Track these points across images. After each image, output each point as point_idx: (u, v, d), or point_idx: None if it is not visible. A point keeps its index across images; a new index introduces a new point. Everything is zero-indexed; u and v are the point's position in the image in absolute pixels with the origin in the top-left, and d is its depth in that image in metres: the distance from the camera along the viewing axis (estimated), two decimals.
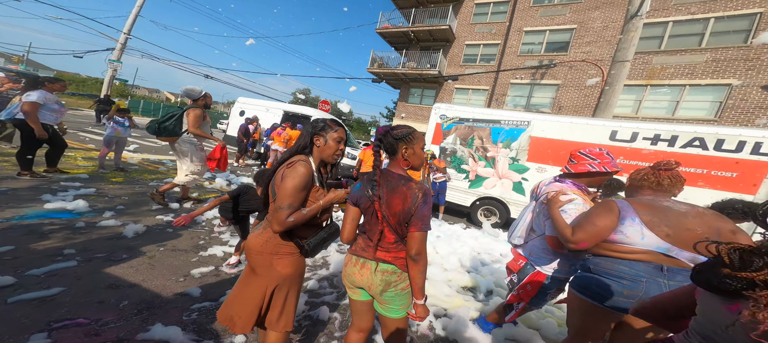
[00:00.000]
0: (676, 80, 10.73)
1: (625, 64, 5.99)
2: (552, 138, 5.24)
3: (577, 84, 12.67)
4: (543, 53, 13.84)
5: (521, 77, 14.20)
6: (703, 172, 4.31)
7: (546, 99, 13.58)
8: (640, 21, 5.93)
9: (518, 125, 5.54)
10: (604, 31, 12.25)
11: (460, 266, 3.40)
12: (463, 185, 5.99)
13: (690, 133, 4.40)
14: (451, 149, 6.12)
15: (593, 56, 12.36)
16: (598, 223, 1.33)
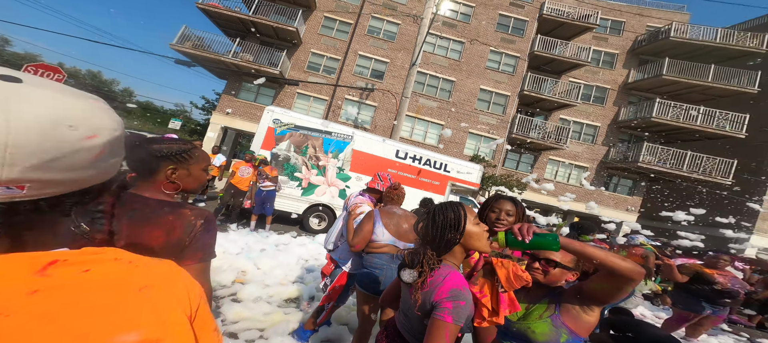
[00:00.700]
0: (428, 117, 16.91)
1: (407, 99, 8.27)
2: (366, 152, 6.28)
3: (386, 108, 16.67)
4: (369, 77, 16.55)
5: (353, 94, 16.61)
6: (428, 181, 6.61)
7: (368, 117, 16.76)
8: (415, 69, 8.33)
9: (345, 138, 6.24)
10: (402, 70, 16.90)
11: (285, 277, 3.35)
12: (296, 193, 6.06)
13: (425, 155, 6.67)
14: (285, 156, 6.02)
15: (394, 89, 16.86)
16: (364, 228, 1.78)
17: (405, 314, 1.03)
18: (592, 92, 15.75)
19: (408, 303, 0.99)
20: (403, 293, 1.03)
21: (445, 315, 0.86)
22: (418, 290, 0.92)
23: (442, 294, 0.89)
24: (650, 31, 15.82)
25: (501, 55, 16.38)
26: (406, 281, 0.98)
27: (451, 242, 0.97)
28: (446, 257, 0.99)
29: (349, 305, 2.70)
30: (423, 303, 0.92)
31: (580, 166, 14.77)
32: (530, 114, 16.29)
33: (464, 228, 0.97)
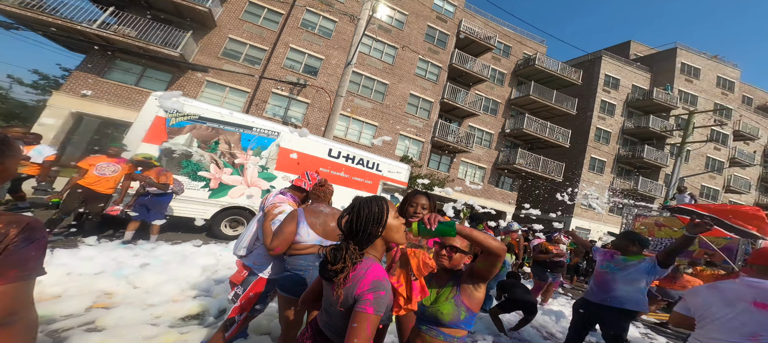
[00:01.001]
0: (362, 117, 17.25)
1: (341, 98, 8.26)
2: (296, 150, 5.86)
3: (320, 106, 15.70)
4: (301, 72, 15.06)
5: (282, 89, 14.64)
6: (361, 180, 6.57)
7: (299, 114, 15.34)
8: (350, 69, 8.37)
9: (270, 134, 5.67)
10: (337, 68, 16.05)
11: (181, 293, 2.89)
12: (201, 195, 5.15)
13: (358, 155, 6.61)
14: (183, 152, 4.97)
15: (329, 87, 15.95)
16: (285, 230, 1.64)
17: (327, 312, 1.03)
18: (489, 105, 19.72)
19: (330, 301, 0.99)
20: (326, 291, 1.03)
21: (367, 306, 0.89)
22: (341, 286, 0.93)
23: (364, 287, 0.91)
24: (525, 57, 20.68)
25: (427, 63, 17.90)
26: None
27: (374, 235, 1.01)
28: (368, 250, 1.02)
29: (270, 313, 2.51)
30: (345, 298, 0.93)
31: (482, 167, 18.89)
32: (448, 120, 19.03)
33: (386, 221, 1.03)
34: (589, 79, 21.09)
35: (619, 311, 2.43)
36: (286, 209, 1.84)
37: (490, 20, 20.24)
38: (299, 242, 1.67)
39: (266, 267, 1.85)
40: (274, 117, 14.31)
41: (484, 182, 18.53)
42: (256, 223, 1.96)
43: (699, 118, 18.78)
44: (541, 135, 18.49)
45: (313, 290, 1.21)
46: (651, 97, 20.41)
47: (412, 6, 17.73)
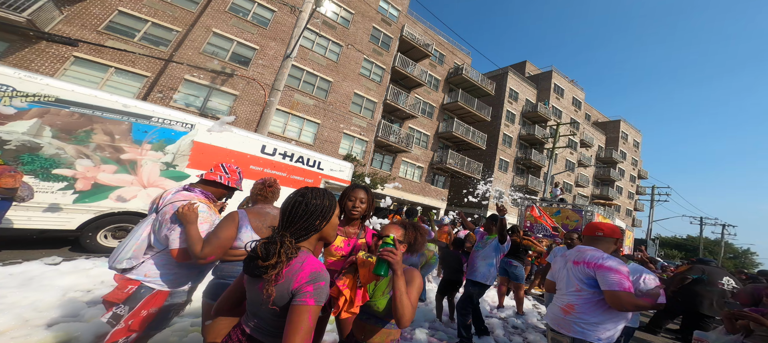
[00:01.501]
0: (304, 114, 15.87)
1: (278, 92, 7.48)
2: (218, 146, 5.13)
3: (251, 99, 13.49)
4: (227, 61, 12.56)
5: (200, 76, 11.75)
6: (301, 179, 6.20)
7: (224, 106, 12.82)
8: (290, 62, 7.65)
9: (179, 126, 4.77)
10: (274, 60, 13.99)
11: (24, 323, 2.29)
12: (60, 200, 4.02)
13: (298, 152, 6.16)
14: (26, 144, 3.79)
15: (263, 79, 13.83)
16: (221, 235, 1.44)
17: (255, 314, 0.95)
18: (427, 108, 21.18)
19: (258, 302, 0.92)
20: (251, 292, 0.95)
21: (307, 299, 0.86)
22: (272, 283, 0.86)
23: (302, 280, 0.88)
24: (455, 66, 22.91)
25: (372, 64, 17.66)
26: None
27: (315, 229, 0.98)
28: (303, 244, 0.98)
29: (188, 327, 2.32)
30: (279, 295, 0.88)
31: (420, 167, 20.40)
32: (390, 121, 19.53)
33: (331, 218, 1.02)
34: (499, 91, 25.14)
35: (473, 282, 3.14)
36: (204, 210, 1.56)
37: (428, 28, 21.31)
38: (239, 247, 1.50)
39: (168, 277, 1.51)
40: (186, 107, 11.69)
41: (422, 181, 20.18)
42: (146, 226, 1.56)
43: (562, 128, 25.25)
44: (465, 138, 21.21)
45: (230, 295, 1.08)
46: (536, 110, 26.02)
47: (358, 5, 17.02)
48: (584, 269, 1.71)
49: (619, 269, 1.63)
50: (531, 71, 30.86)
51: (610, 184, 31.87)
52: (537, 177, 25.50)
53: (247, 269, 0.93)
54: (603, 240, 1.83)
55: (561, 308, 1.79)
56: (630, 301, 1.57)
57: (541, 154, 25.80)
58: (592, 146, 31.26)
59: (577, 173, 29.07)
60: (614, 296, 1.58)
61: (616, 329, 1.68)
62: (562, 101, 28.91)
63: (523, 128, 26.02)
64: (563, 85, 29.35)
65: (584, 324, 1.67)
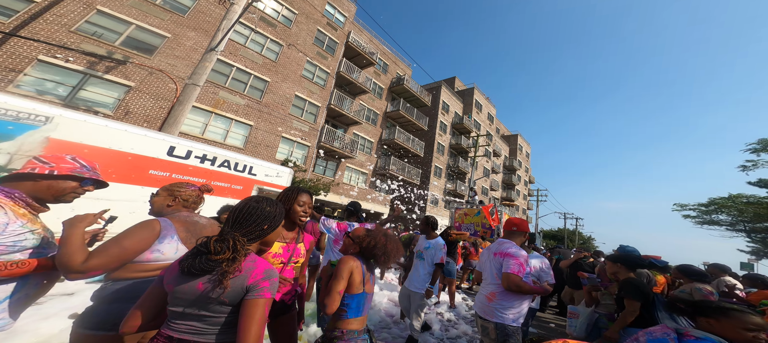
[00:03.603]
0: (230, 114, 12.97)
1: (196, 88, 6.11)
2: (95, 145, 3.88)
3: (154, 93, 10.12)
4: (118, 46, 9.02)
5: (69, 59, 7.91)
6: (226, 186, 5.18)
7: (108, 99, 9.18)
8: (214, 55, 6.32)
9: (20, 118, 3.56)
10: (192, 52, 10.80)
11: None
12: None
13: (223, 156, 5.20)
14: None
15: (176, 72, 10.56)
16: (126, 244, 1.08)
17: (186, 316, 0.89)
18: (371, 115, 20.46)
19: (196, 301, 0.88)
20: (184, 294, 0.89)
21: (265, 293, 0.89)
22: (228, 277, 0.88)
23: (258, 276, 0.90)
24: (398, 76, 22.87)
25: (316, 67, 15.86)
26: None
27: (263, 233, 1.00)
28: (249, 247, 0.99)
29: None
30: (233, 291, 0.88)
31: (364, 172, 19.57)
32: (335, 126, 18.04)
33: (277, 226, 1.04)
34: (434, 103, 26.47)
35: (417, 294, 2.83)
36: (10, 218, 0.99)
37: (374, 37, 20.53)
38: (157, 260, 1.17)
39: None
40: (39, 95, 8.00)
41: (366, 186, 19.45)
42: None
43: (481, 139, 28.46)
44: (406, 145, 21.48)
45: (150, 308, 0.93)
46: (462, 122, 28.55)
47: (302, 6, 15.01)
48: (499, 259, 1.88)
49: (517, 255, 1.84)
50: (459, 86, 33.69)
51: (512, 187, 37.82)
52: (463, 182, 28.04)
53: (188, 268, 0.90)
54: (516, 234, 2.02)
55: (486, 296, 1.91)
56: (516, 283, 1.76)
57: (466, 162, 28.48)
58: (500, 156, 36.39)
59: (491, 178, 33.39)
60: (507, 277, 1.78)
61: (521, 309, 1.84)
62: (480, 115, 32.52)
63: (452, 138, 28.14)
64: (482, 101, 33.04)
65: (502, 309, 1.81)
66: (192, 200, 1.46)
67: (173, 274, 0.92)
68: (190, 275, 0.90)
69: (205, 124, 11.78)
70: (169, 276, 0.93)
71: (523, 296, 1.83)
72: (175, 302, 0.90)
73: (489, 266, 1.96)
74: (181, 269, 0.91)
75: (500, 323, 1.78)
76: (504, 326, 1.78)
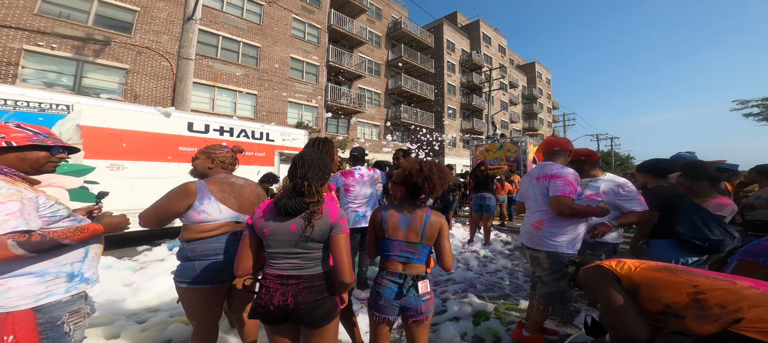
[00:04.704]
0: (232, 86, 12.50)
1: (189, 62, 5.86)
2: (123, 129, 4.10)
3: (151, 73, 9.87)
4: (92, 25, 8.53)
5: (52, 47, 7.75)
6: (250, 154, 5.23)
7: (112, 84, 9.12)
8: (195, 25, 5.93)
9: (43, 109, 3.64)
10: (170, 25, 10.18)
11: None
12: None
13: (239, 126, 5.26)
14: None
15: (162, 48, 10.14)
16: (163, 205, 1.24)
17: (288, 255, 1.00)
18: (372, 66, 19.04)
19: (293, 240, 0.99)
20: (279, 237, 0.99)
21: (344, 228, 1.03)
22: (315, 217, 0.99)
23: (335, 215, 1.03)
24: (394, 20, 20.71)
25: (304, 24, 14.60)
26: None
27: (326, 180, 1.14)
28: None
29: (167, 318, 2.07)
30: (320, 230, 1.00)
31: (376, 125, 18.74)
32: (338, 83, 17.08)
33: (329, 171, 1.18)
34: (438, 43, 23.96)
35: None
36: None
37: None
38: (206, 221, 1.29)
39: (6, 295, 0.90)
40: (50, 87, 8.00)
41: (380, 138, 18.76)
42: None
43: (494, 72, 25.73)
44: (414, 91, 20.01)
45: (250, 253, 1.05)
46: (471, 59, 25.83)
47: None
48: (543, 183, 1.67)
49: (563, 174, 1.60)
50: (462, 22, 30.12)
51: (534, 117, 34.72)
52: (480, 119, 26.13)
53: (284, 208, 0.98)
54: (559, 154, 1.78)
55: (532, 225, 1.74)
56: (566, 204, 1.54)
57: (481, 98, 26.26)
58: (517, 86, 33.05)
59: (510, 111, 30.74)
60: (556, 201, 1.57)
61: (576, 233, 1.63)
62: (490, 48, 29.18)
63: (463, 76, 25.77)
64: (489, 33, 29.44)
65: (552, 237, 1.63)
66: (228, 161, 1.49)
67: (267, 219, 1.02)
68: (287, 215, 1.00)
69: (212, 99, 11.54)
70: (260, 223, 1.02)
71: (577, 220, 1.61)
72: (274, 243, 1.01)
73: (532, 193, 1.76)
74: (277, 210, 1.00)
75: (553, 252, 1.61)
76: (557, 253, 1.60)
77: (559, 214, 1.56)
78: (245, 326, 1.47)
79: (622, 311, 0.93)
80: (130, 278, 2.89)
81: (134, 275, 2.98)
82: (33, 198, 0.96)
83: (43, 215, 0.97)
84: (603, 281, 1.04)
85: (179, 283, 1.28)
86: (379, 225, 1.24)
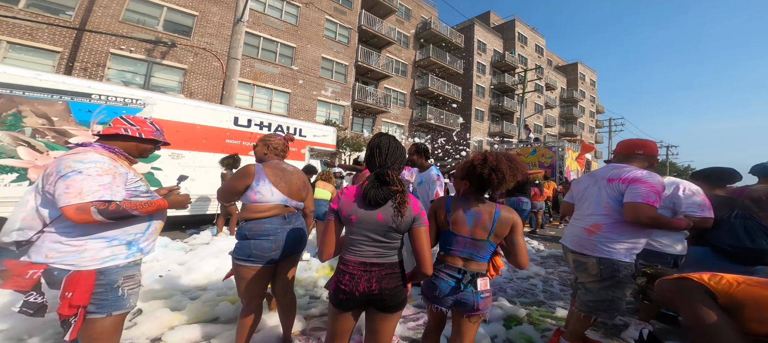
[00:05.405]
0: (269, 84, 13.34)
1: (237, 61, 6.34)
2: (185, 122, 4.57)
3: (205, 72, 11.04)
4: (161, 30, 9.86)
5: (132, 49, 9.12)
6: None
7: (173, 82, 10.38)
8: (242, 27, 6.42)
9: (126, 103, 4.13)
10: (221, 28, 11.33)
11: None
12: (9, 193, 3.32)
13: (276, 121, 5.68)
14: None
15: (215, 49, 11.27)
16: (229, 184, 1.41)
17: (373, 242, 1.01)
18: (399, 67, 19.05)
19: (379, 229, 1.00)
20: (364, 225, 1.00)
21: (425, 221, 1.03)
22: (405, 207, 0.99)
23: (417, 207, 1.02)
24: (423, 20, 20.48)
25: (336, 25, 15.13)
26: None
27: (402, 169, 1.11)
28: None
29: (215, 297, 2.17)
30: (406, 220, 1.00)
31: (400, 125, 18.73)
32: (365, 83, 17.40)
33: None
34: (468, 44, 23.12)
35: None
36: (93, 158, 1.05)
37: None
38: (260, 202, 1.37)
39: (76, 254, 1.02)
40: (126, 85, 9.28)
41: (405, 139, 18.68)
42: (31, 192, 1.06)
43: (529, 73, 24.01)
44: (441, 92, 19.56)
45: (335, 237, 1.06)
46: (504, 59, 24.45)
47: None
48: (618, 186, 1.49)
49: (649, 181, 1.42)
50: (495, 21, 28.69)
51: (573, 121, 31.76)
52: (511, 122, 24.65)
53: (374, 198, 0.98)
54: (639, 158, 1.58)
55: (585, 228, 1.57)
56: (648, 214, 1.36)
57: (513, 101, 24.75)
58: (555, 89, 30.53)
59: (545, 114, 28.50)
60: (634, 208, 1.39)
61: (637, 242, 1.47)
62: (526, 49, 27.38)
63: (493, 78, 24.55)
64: (526, 33, 27.63)
65: (609, 243, 1.47)
66: (280, 148, 1.60)
67: (355, 206, 1.01)
68: (376, 205, 1.00)
69: (251, 96, 12.49)
70: (348, 208, 1.02)
71: (642, 231, 1.45)
72: (360, 231, 1.02)
73: (596, 194, 1.58)
74: (365, 200, 1.00)
75: (607, 258, 1.45)
76: (612, 260, 1.44)
77: (633, 221, 1.40)
78: (282, 308, 1.58)
79: (717, 330, 0.81)
80: (182, 257, 3.13)
81: (186, 255, 3.22)
82: (124, 174, 1.11)
83: (129, 189, 1.11)
84: (690, 295, 0.91)
85: (236, 259, 1.38)
86: (443, 217, 1.19)
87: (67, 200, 0.96)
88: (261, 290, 1.43)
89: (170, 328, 1.79)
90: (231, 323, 1.89)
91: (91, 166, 1.03)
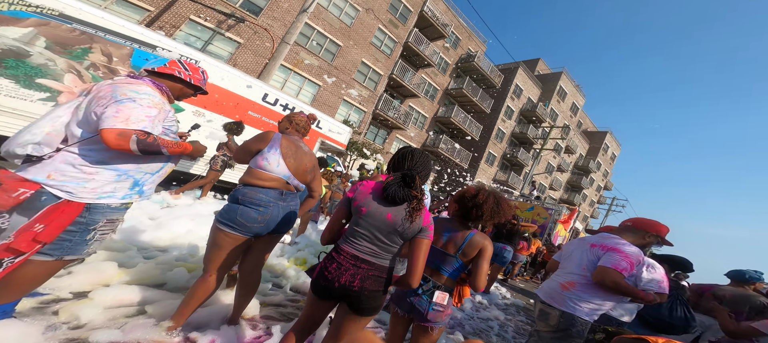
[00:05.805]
0: (306, 74, 13.99)
1: (287, 46, 7.03)
2: (221, 86, 4.90)
3: (255, 49, 12.00)
4: (238, 7, 10.89)
5: (207, 19, 10.15)
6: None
7: (224, 52, 11.41)
8: (305, 17, 7.06)
9: (180, 59, 4.47)
10: (286, 14, 12.11)
11: None
12: (32, 109, 3.48)
13: (299, 107, 5.99)
14: (14, 49, 3.29)
15: (274, 31, 12.12)
16: (247, 144, 1.37)
17: (374, 237, 1.00)
18: (430, 90, 19.53)
19: (383, 228, 0.99)
20: (372, 221, 1.00)
21: (430, 235, 1.02)
22: (418, 214, 0.98)
23: (428, 220, 1.02)
24: (468, 52, 20.55)
25: (385, 35, 15.65)
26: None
27: (425, 181, 1.12)
28: None
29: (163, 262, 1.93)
30: (413, 228, 0.99)
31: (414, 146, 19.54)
32: (392, 96, 18.08)
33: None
34: (505, 84, 23.14)
35: None
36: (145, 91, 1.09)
37: (451, 7, 18.47)
38: (263, 169, 1.33)
39: (82, 183, 0.98)
40: (188, 46, 10.41)
41: None
42: (67, 108, 1.04)
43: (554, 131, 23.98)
44: (462, 126, 20.12)
45: (340, 225, 1.10)
46: (534, 110, 24.42)
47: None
48: (597, 252, 1.60)
49: (626, 251, 1.51)
50: (541, 70, 28.18)
51: (578, 191, 31.85)
52: (518, 175, 25.13)
53: (393, 195, 0.97)
54: (632, 231, 1.69)
55: (561, 283, 1.68)
56: (613, 278, 1.43)
57: (528, 154, 25.05)
58: (574, 153, 30.41)
59: (554, 176, 28.74)
60: (602, 271, 1.47)
61: (601, 305, 1.56)
62: (561, 105, 27.05)
63: (517, 126, 24.72)
64: (568, 88, 27.13)
65: (577, 300, 1.57)
66: (302, 125, 1.59)
67: (369, 198, 1.02)
68: (391, 203, 0.99)
69: (285, 80, 13.44)
70: (361, 199, 1.02)
71: (610, 295, 1.51)
72: (366, 224, 1.01)
73: (578, 256, 1.67)
74: (384, 195, 0.99)
75: (569, 313, 1.54)
76: (573, 316, 1.53)
77: (599, 283, 1.48)
78: (244, 287, 1.46)
79: None
80: (156, 212, 2.89)
81: (161, 211, 2.98)
82: (167, 111, 1.16)
83: (165, 126, 1.14)
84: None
85: (218, 221, 1.30)
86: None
87: (112, 123, 0.94)
88: (229, 262, 1.33)
89: (105, 285, 1.51)
90: (177, 292, 1.65)
91: (145, 97, 1.05)
